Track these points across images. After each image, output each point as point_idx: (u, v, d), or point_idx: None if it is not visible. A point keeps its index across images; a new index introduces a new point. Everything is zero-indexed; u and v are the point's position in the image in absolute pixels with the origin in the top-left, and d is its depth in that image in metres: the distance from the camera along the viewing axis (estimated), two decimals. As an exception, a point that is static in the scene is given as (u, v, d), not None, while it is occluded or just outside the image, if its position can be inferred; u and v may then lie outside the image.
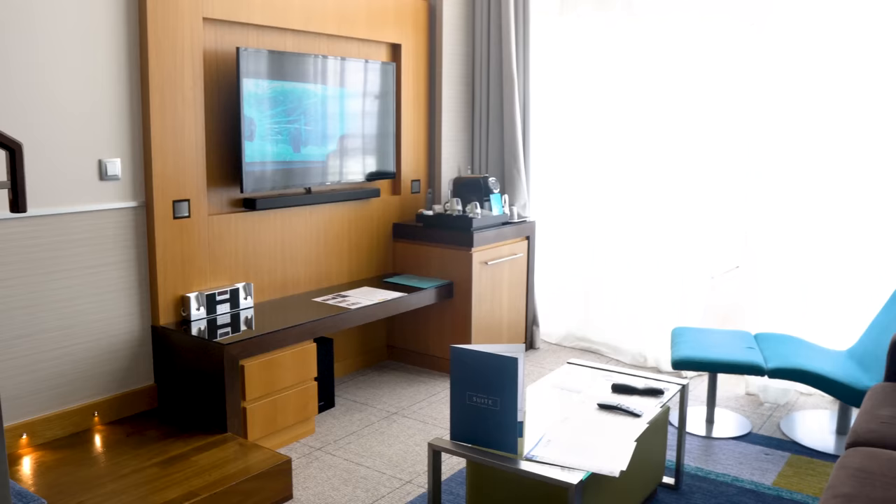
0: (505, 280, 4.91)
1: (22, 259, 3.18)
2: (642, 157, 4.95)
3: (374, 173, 4.62)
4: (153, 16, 3.46)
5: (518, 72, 5.13)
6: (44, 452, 3.21)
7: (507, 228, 4.86)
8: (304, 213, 4.32)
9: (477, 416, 2.54)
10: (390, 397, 4.35)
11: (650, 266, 4.97)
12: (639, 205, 4.99)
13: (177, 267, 3.68)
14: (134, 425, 3.51)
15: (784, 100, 4.37)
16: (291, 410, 3.68)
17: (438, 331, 4.78)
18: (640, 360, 5.05)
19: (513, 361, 2.42)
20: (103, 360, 3.51)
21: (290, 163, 4.07)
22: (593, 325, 5.33)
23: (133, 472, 3.03)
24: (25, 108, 3.13)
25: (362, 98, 4.47)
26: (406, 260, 4.87)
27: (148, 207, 3.58)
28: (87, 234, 3.38)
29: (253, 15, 3.89)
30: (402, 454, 3.62)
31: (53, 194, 3.26)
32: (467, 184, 4.91)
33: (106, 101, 3.39)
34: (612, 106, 5.04)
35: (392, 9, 4.70)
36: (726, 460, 3.59)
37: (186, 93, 3.63)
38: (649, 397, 3.07)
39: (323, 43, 4.36)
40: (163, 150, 3.56)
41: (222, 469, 3.06)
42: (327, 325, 3.84)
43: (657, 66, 4.81)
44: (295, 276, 4.32)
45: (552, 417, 2.83)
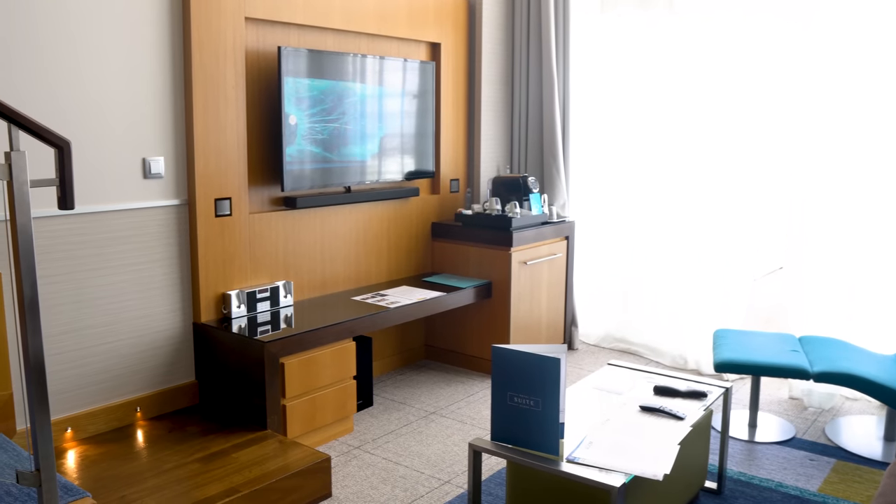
0: (544, 280, 4.88)
1: (68, 256, 3.22)
2: (683, 156, 4.88)
3: (413, 172, 4.62)
4: (197, 16, 3.49)
5: (558, 70, 5.10)
6: (87, 446, 3.26)
7: (546, 228, 4.83)
8: (344, 212, 4.33)
9: (518, 417, 2.52)
10: (428, 397, 4.34)
11: (691, 266, 4.90)
12: (680, 204, 4.93)
13: (218, 265, 3.71)
14: (175, 421, 3.54)
15: (829, 97, 4.29)
16: (330, 408, 3.69)
17: (477, 331, 4.77)
18: (680, 363, 4.99)
19: (555, 362, 2.40)
20: (146, 356, 3.55)
21: (330, 162, 4.08)
22: (632, 327, 5.28)
23: (174, 468, 3.06)
24: (73, 107, 3.18)
25: (402, 97, 4.47)
26: (445, 259, 4.87)
27: (190, 205, 3.61)
28: (131, 231, 3.42)
29: (295, 14, 3.91)
30: (441, 454, 3.61)
31: (99, 192, 3.30)
32: (506, 183, 4.89)
33: (150, 101, 3.43)
34: (652, 104, 4.99)
35: (432, 8, 4.70)
36: (770, 465, 3.53)
37: (229, 92, 3.65)
38: (692, 400, 3.02)
39: (363, 42, 4.37)
40: (205, 148, 3.59)
41: (262, 466, 3.07)
42: (366, 324, 3.85)
43: (698, 64, 4.74)
44: (334, 275, 4.33)
45: (593, 419, 2.80)
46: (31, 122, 2.05)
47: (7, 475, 2.50)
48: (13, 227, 2.00)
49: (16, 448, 2.73)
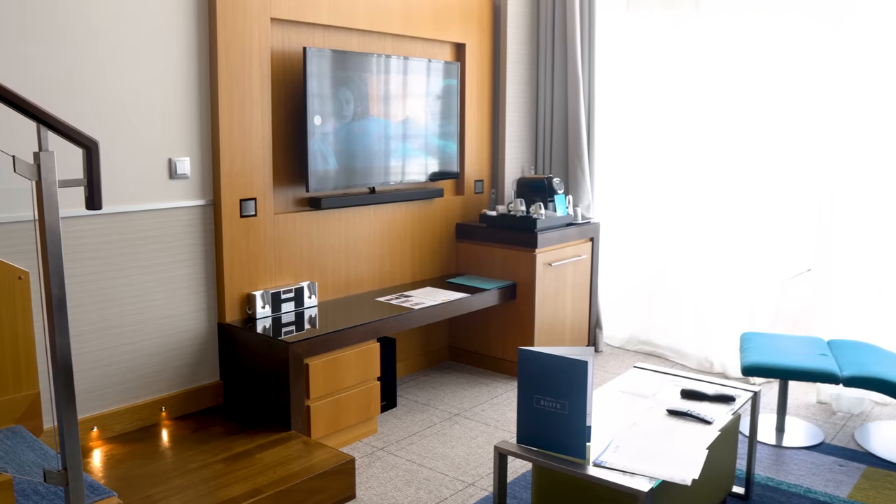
0: (568, 282, 4.85)
1: (95, 256, 3.24)
2: (710, 157, 4.83)
3: (437, 173, 4.60)
4: (223, 17, 3.49)
5: (583, 71, 5.06)
6: (113, 446, 3.27)
7: (570, 230, 4.79)
8: (368, 213, 4.32)
9: (544, 420, 2.49)
10: (452, 398, 4.32)
11: (717, 268, 4.85)
12: (706, 205, 4.88)
13: (243, 265, 3.72)
14: (200, 421, 3.55)
15: (859, 97, 4.22)
16: (354, 410, 3.68)
17: (501, 332, 4.74)
18: (705, 366, 4.94)
19: (583, 364, 2.38)
20: (171, 356, 3.56)
21: (355, 162, 4.08)
22: (658, 329, 5.23)
23: (199, 468, 3.06)
24: (100, 107, 3.19)
25: (427, 97, 4.46)
26: (469, 260, 4.85)
27: (216, 206, 3.62)
28: (157, 231, 3.43)
29: (320, 15, 3.91)
30: (465, 456, 3.59)
31: (125, 192, 3.32)
32: (531, 184, 4.86)
33: (176, 101, 3.44)
34: (678, 105, 4.94)
35: (457, 8, 4.68)
36: (798, 471, 3.48)
37: (254, 92, 3.66)
38: (720, 404, 2.98)
39: (388, 43, 4.36)
40: (231, 149, 3.60)
41: (286, 467, 3.07)
42: (391, 325, 3.84)
43: (725, 64, 4.69)
44: (358, 276, 4.32)
45: (620, 422, 2.77)
46: (60, 122, 2.05)
47: (34, 473, 2.51)
48: (41, 227, 2.01)
49: (43, 447, 2.74)
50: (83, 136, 2.11)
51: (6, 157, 2.94)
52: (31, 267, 3.03)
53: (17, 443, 2.76)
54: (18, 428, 2.91)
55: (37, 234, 3.04)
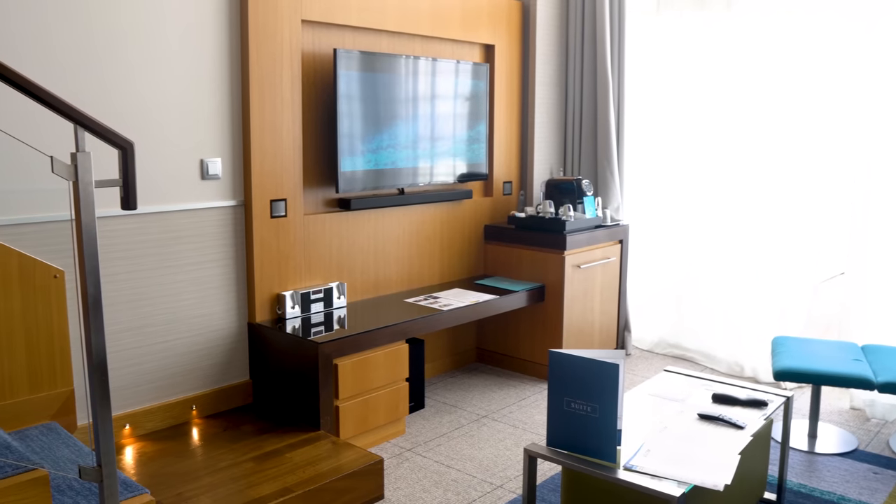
0: (597, 284, 4.82)
1: (129, 255, 3.27)
2: (741, 158, 4.79)
3: (466, 175, 4.60)
4: (254, 19, 3.52)
5: (613, 72, 5.04)
6: (145, 443, 3.30)
7: (599, 232, 4.77)
8: (397, 214, 4.33)
9: (575, 423, 2.48)
10: (480, 400, 4.32)
11: (748, 271, 4.80)
12: (737, 207, 4.84)
13: (273, 265, 3.74)
14: (230, 420, 3.58)
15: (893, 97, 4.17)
16: (383, 410, 3.69)
17: (529, 334, 4.73)
18: (736, 370, 4.89)
19: (614, 368, 2.36)
20: (202, 355, 3.59)
21: (384, 163, 4.09)
22: (687, 332, 5.19)
23: (229, 466, 3.09)
24: (133, 109, 3.23)
25: (457, 99, 4.46)
26: (497, 262, 4.84)
27: (246, 206, 3.64)
28: (189, 231, 3.46)
29: (350, 17, 3.92)
30: (493, 458, 3.58)
31: (158, 192, 3.35)
32: (560, 186, 4.84)
33: (208, 102, 3.47)
34: (709, 106, 4.90)
35: (486, 9, 4.68)
36: (831, 478, 3.44)
37: (285, 94, 3.68)
38: (752, 409, 2.95)
39: (417, 44, 4.37)
40: (261, 150, 3.62)
41: (315, 466, 3.08)
42: (419, 326, 3.84)
43: (757, 64, 4.65)
44: (387, 277, 4.33)
45: (650, 426, 2.75)
46: (97, 123, 2.08)
47: (69, 470, 2.54)
48: (78, 227, 2.03)
49: (77, 443, 2.78)
50: (119, 137, 2.13)
51: (40, 159, 2.98)
52: (66, 266, 3.07)
53: (53, 439, 2.79)
54: (53, 424, 2.95)
55: (73, 234, 3.08)
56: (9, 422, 2.91)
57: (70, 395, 3.06)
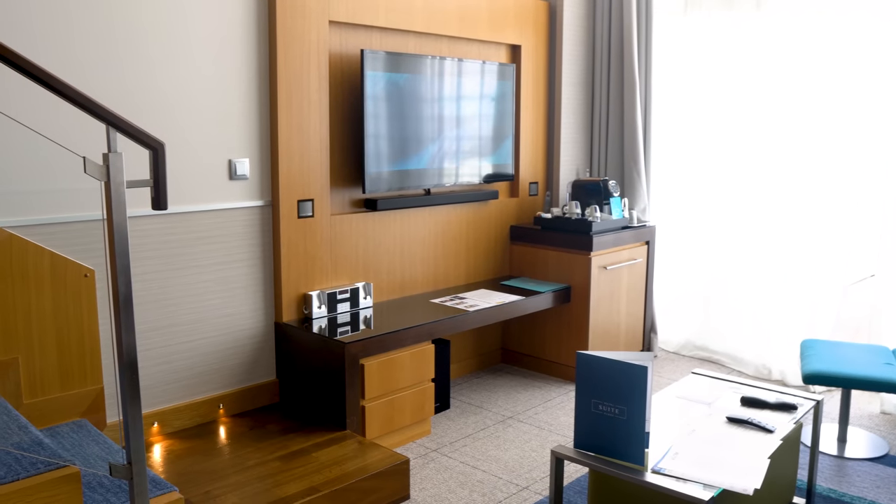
0: (623, 285, 4.80)
1: (158, 255, 3.30)
2: (769, 159, 4.74)
3: (492, 175, 4.60)
4: (282, 20, 3.53)
5: (640, 72, 5.01)
6: (173, 441, 3.33)
7: (626, 233, 4.75)
8: (423, 215, 4.34)
9: (602, 425, 2.47)
10: (505, 401, 4.31)
11: (776, 273, 4.75)
12: (765, 208, 4.79)
13: (300, 265, 3.75)
14: (256, 419, 3.59)
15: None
16: (409, 410, 3.69)
17: (554, 335, 4.71)
18: (763, 373, 4.84)
19: (642, 370, 2.35)
20: (229, 354, 3.61)
21: (410, 164, 4.09)
22: (714, 334, 5.15)
23: (256, 465, 3.10)
24: (164, 109, 3.25)
25: (484, 100, 4.45)
26: (523, 263, 4.83)
27: (274, 207, 3.66)
28: (217, 231, 3.48)
29: (377, 18, 3.93)
30: (519, 459, 3.57)
31: (186, 193, 3.38)
32: (586, 187, 4.82)
33: (236, 103, 3.49)
34: (736, 107, 4.86)
35: (512, 10, 4.67)
36: (861, 483, 3.39)
37: (312, 95, 3.69)
38: (781, 412, 2.92)
39: (444, 44, 4.37)
40: (289, 150, 3.64)
41: (342, 466, 3.09)
42: (445, 327, 3.84)
43: (786, 64, 4.60)
44: (413, 277, 4.34)
45: (678, 429, 2.73)
46: (128, 124, 2.10)
47: (100, 467, 2.57)
48: (109, 227, 2.05)
49: (107, 440, 2.81)
50: (150, 138, 2.15)
51: (69, 159, 3.01)
52: (96, 265, 3.10)
53: (83, 436, 2.82)
54: (83, 421, 2.98)
55: (105, 234, 3.11)
56: (40, 418, 2.94)
57: (100, 393, 3.10)
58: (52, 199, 2.98)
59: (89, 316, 3.04)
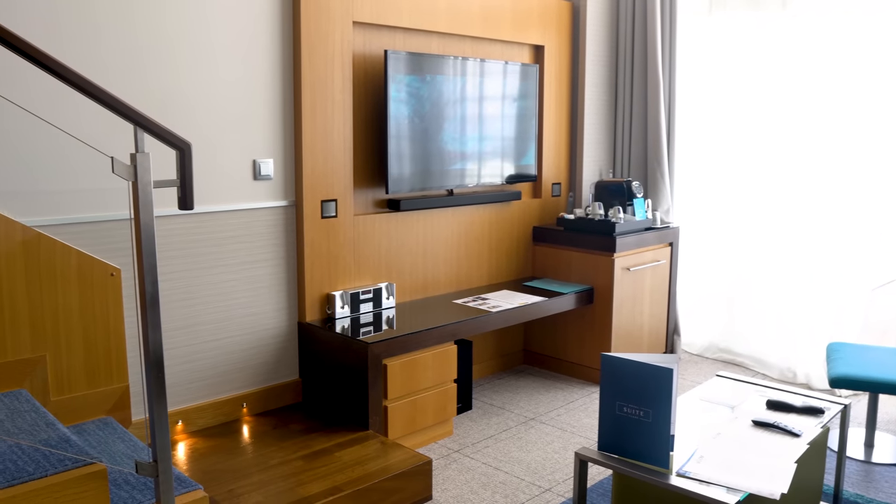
0: (646, 287, 4.77)
1: (183, 254, 3.32)
2: (795, 160, 4.69)
3: (514, 176, 4.59)
4: (307, 21, 3.55)
5: (664, 73, 4.98)
6: (197, 439, 3.35)
7: (649, 234, 4.72)
8: (446, 215, 4.33)
9: (627, 427, 2.45)
10: (527, 402, 4.30)
11: (802, 275, 4.71)
12: (790, 210, 4.74)
13: (323, 265, 3.77)
14: (279, 418, 3.61)
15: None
16: (431, 411, 3.69)
17: (577, 337, 4.70)
18: (788, 376, 4.80)
19: (668, 372, 2.33)
20: (252, 353, 3.63)
21: (433, 164, 4.09)
22: (738, 337, 5.11)
23: (279, 464, 3.11)
24: (189, 110, 3.28)
25: (507, 100, 4.45)
26: (546, 264, 4.82)
27: (297, 207, 3.68)
28: (241, 231, 3.50)
29: (401, 18, 3.93)
30: (541, 461, 3.56)
31: (212, 192, 3.40)
32: (610, 188, 4.80)
33: (261, 104, 3.51)
34: (762, 108, 4.82)
35: (535, 10, 4.66)
36: (889, 488, 3.35)
37: (336, 95, 3.70)
38: (808, 416, 2.89)
39: (467, 45, 4.37)
40: (313, 150, 3.65)
41: (364, 466, 3.09)
42: (468, 328, 3.84)
43: (812, 65, 4.55)
44: (435, 278, 4.34)
45: (703, 432, 2.71)
46: (156, 124, 2.11)
47: (126, 464, 2.59)
48: (137, 226, 2.07)
49: (132, 438, 2.83)
50: (177, 138, 2.17)
51: (95, 160, 3.04)
52: (122, 264, 3.12)
53: (109, 433, 2.85)
54: (109, 419, 3.01)
55: (132, 233, 3.14)
56: (67, 415, 2.97)
57: (125, 391, 3.12)
58: (79, 198, 3.01)
59: (115, 314, 3.07)
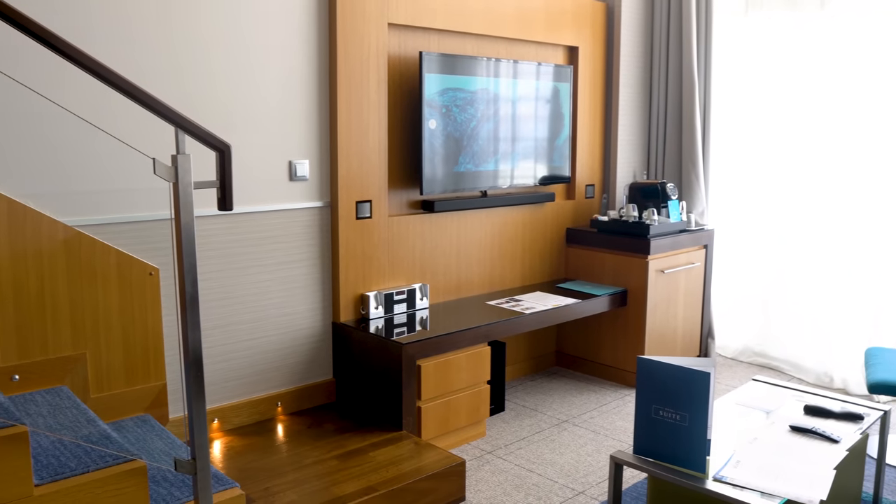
0: (680, 290, 4.74)
1: (221, 254, 3.36)
2: (832, 162, 4.63)
3: (548, 177, 4.58)
4: (342, 23, 3.57)
5: (699, 74, 4.94)
6: (232, 438, 3.39)
7: (683, 236, 4.68)
8: (480, 217, 4.34)
9: (663, 431, 2.44)
10: (560, 404, 4.29)
11: (839, 278, 4.64)
12: (827, 212, 4.68)
13: (357, 266, 3.78)
14: (313, 417, 3.63)
15: None
16: (464, 412, 3.70)
17: (610, 339, 4.68)
18: (825, 381, 4.73)
19: (705, 376, 2.32)
20: (287, 353, 3.66)
21: (468, 166, 4.10)
22: (773, 341, 5.05)
23: (313, 463, 3.13)
24: (228, 112, 3.31)
25: (541, 101, 4.44)
26: (579, 266, 4.80)
27: (333, 207, 3.70)
28: (277, 231, 3.53)
29: (436, 20, 3.94)
30: (574, 463, 3.55)
31: (248, 193, 3.43)
32: (644, 189, 4.78)
33: (297, 106, 3.53)
34: (799, 109, 4.75)
35: (570, 11, 4.65)
36: (930, 495, 3.30)
37: (371, 97, 3.72)
38: (847, 422, 2.85)
39: (501, 46, 4.37)
40: (348, 152, 3.67)
41: (398, 466, 3.11)
42: (501, 329, 3.84)
43: (851, 66, 4.49)
44: (469, 279, 4.34)
45: (740, 437, 2.68)
46: (196, 126, 2.14)
47: (164, 461, 2.62)
48: (177, 227, 2.09)
49: (170, 436, 2.86)
50: (217, 140, 2.19)
51: (131, 161, 3.08)
52: (160, 264, 3.16)
53: (147, 431, 2.89)
54: (147, 416, 3.05)
55: (172, 233, 3.18)
56: (106, 412, 3.02)
57: (162, 389, 3.16)
58: (118, 198, 3.05)
59: (153, 313, 3.11)
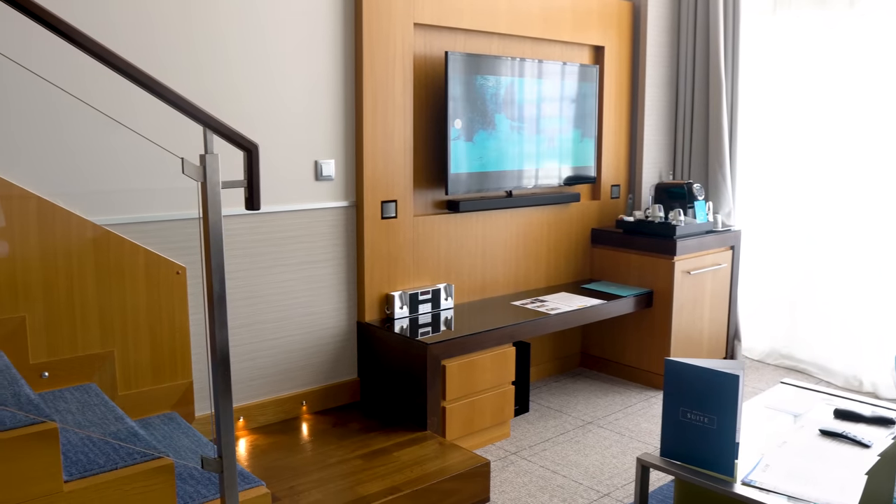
0: (707, 291, 4.70)
1: (246, 253, 3.38)
2: (862, 161, 4.57)
3: (573, 177, 4.56)
4: (368, 23, 3.57)
5: (726, 73, 4.90)
6: (258, 436, 3.40)
7: (710, 237, 4.64)
8: (505, 217, 4.33)
9: (691, 434, 2.42)
10: (585, 406, 4.27)
11: (868, 279, 4.58)
12: (855, 213, 4.62)
13: (382, 266, 3.79)
14: (338, 417, 3.64)
15: None
16: (489, 413, 3.69)
17: (636, 340, 4.65)
18: (854, 384, 4.67)
19: (734, 379, 2.29)
20: (312, 352, 3.67)
21: (493, 166, 4.09)
22: (801, 343, 4.99)
23: (338, 463, 3.14)
24: (255, 111, 3.32)
25: (566, 101, 4.42)
26: (604, 266, 4.77)
27: (358, 207, 3.70)
28: (303, 231, 3.54)
29: (462, 20, 3.94)
30: (599, 465, 3.53)
31: (274, 193, 3.44)
32: (670, 190, 4.74)
33: (323, 105, 3.54)
34: (827, 109, 4.69)
35: (596, 11, 4.62)
36: (962, 501, 3.24)
37: (397, 97, 3.72)
38: (878, 427, 2.81)
39: (527, 46, 4.35)
40: (373, 152, 3.68)
41: (423, 466, 3.10)
42: (526, 330, 3.82)
43: (882, 65, 4.42)
44: (494, 279, 4.33)
45: (768, 440, 2.65)
46: (225, 126, 2.14)
47: (190, 458, 2.64)
48: (205, 226, 2.10)
49: (196, 433, 2.88)
50: (244, 139, 2.20)
51: (160, 161, 3.10)
52: (187, 262, 3.18)
53: (174, 428, 2.90)
54: (173, 414, 3.07)
55: (200, 233, 3.19)
56: (134, 409, 3.04)
57: (189, 387, 3.18)
58: (146, 198, 3.08)
59: (180, 312, 3.13)
